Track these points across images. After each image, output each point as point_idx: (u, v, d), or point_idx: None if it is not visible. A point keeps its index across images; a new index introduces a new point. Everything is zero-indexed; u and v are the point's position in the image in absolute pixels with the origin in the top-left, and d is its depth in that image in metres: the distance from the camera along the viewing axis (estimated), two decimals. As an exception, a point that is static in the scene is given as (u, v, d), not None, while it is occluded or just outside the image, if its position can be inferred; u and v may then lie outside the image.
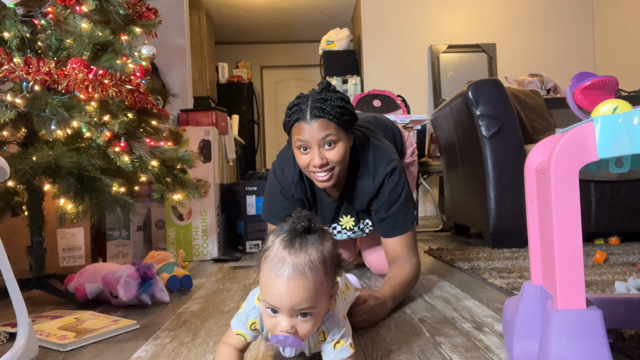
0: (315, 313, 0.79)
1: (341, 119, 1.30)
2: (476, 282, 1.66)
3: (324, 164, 1.31)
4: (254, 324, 0.88)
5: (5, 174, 0.92)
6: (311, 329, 0.80)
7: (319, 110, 1.27)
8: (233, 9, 5.66)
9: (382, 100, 3.42)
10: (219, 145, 2.73)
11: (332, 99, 1.29)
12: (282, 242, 0.80)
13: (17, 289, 0.92)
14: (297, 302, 0.76)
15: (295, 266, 0.77)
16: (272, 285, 0.78)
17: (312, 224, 0.81)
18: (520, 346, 0.82)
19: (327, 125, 1.28)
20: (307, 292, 0.76)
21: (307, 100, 1.30)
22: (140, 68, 1.61)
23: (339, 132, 1.31)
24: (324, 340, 0.86)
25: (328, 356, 0.86)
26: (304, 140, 1.29)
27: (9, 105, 1.37)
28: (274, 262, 0.78)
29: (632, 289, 1.32)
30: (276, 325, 0.78)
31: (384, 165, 1.43)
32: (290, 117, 1.32)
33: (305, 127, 1.28)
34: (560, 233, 0.70)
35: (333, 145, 1.31)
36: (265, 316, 0.81)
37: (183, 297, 1.60)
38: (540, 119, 2.87)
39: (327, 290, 0.82)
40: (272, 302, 0.78)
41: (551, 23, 4.91)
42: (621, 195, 2.33)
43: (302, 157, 1.33)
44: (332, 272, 0.82)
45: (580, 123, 0.71)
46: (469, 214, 2.72)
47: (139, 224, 2.44)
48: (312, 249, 0.79)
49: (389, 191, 1.42)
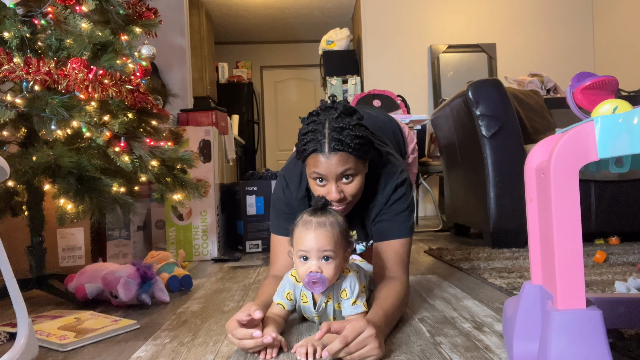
0: (335, 259, 1.07)
1: (361, 150, 1.21)
2: (476, 282, 1.66)
3: (342, 199, 1.24)
4: (289, 294, 1.16)
5: (5, 174, 0.92)
6: (333, 272, 1.07)
7: (338, 143, 1.18)
8: (233, 9, 5.66)
9: (382, 100, 3.42)
10: (219, 145, 2.73)
11: (350, 127, 1.19)
12: (308, 213, 1.12)
13: (17, 289, 0.93)
14: (322, 245, 1.06)
15: (319, 222, 1.08)
16: (303, 236, 1.08)
17: (328, 202, 1.14)
18: (520, 346, 0.82)
19: (346, 159, 1.19)
20: (329, 238, 1.07)
21: (323, 129, 1.20)
22: (140, 68, 1.61)
23: (358, 164, 1.23)
24: (345, 297, 1.10)
25: (346, 310, 1.10)
26: (321, 174, 1.21)
27: (9, 105, 1.37)
28: (304, 223, 1.10)
29: (632, 289, 1.32)
30: (307, 269, 1.06)
31: (394, 179, 1.35)
32: (306, 146, 1.22)
33: (323, 161, 1.19)
34: (560, 233, 0.70)
35: (351, 179, 1.23)
36: (299, 266, 1.09)
37: (183, 297, 1.60)
38: (540, 119, 2.87)
39: (343, 246, 1.10)
40: (304, 247, 1.07)
41: (551, 23, 4.91)
42: (621, 195, 2.33)
43: (318, 188, 1.25)
44: (345, 235, 1.12)
45: (580, 123, 0.71)
46: (469, 214, 2.72)
47: (139, 224, 2.44)
48: (330, 215, 1.11)
49: (393, 200, 1.34)
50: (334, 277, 1.08)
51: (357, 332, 0.93)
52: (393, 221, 1.32)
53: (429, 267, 2.00)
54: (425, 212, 4.88)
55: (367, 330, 0.94)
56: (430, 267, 2.00)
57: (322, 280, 1.04)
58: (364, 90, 4.61)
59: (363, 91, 4.76)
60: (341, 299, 1.11)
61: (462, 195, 2.80)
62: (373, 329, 0.95)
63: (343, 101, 1.28)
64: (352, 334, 0.92)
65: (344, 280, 1.11)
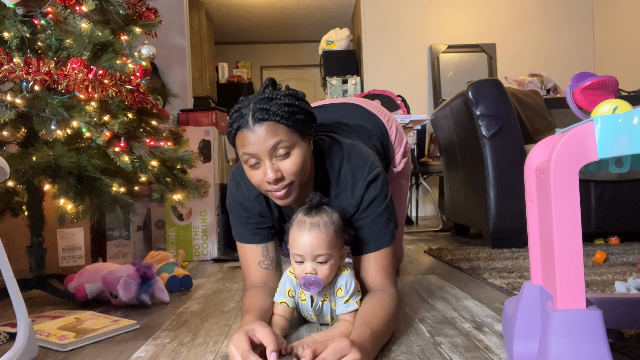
0: (330, 261, 1.05)
1: (291, 118, 1.05)
2: (476, 282, 1.66)
3: (279, 178, 1.06)
4: (290, 291, 1.14)
5: (5, 174, 0.92)
6: (328, 273, 1.05)
7: (262, 112, 1.03)
8: (233, 9, 5.66)
9: (382, 100, 3.42)
10: (219, 145, 2.73)
11: (278, 97, 1.05)
12: (302, 212, 1.09)
13: (17, 289, 0.93)
14: (315, 248, 1.03)
15: (312, 223, 1.05)
16: (297, 238, 1.05)
17: (323, 200, 1.09)
18: (520, 346, 0.82)
19: (275, 130, 1.03)
20: (322, 240, 1.04)
21: (249, 104, 1.06)
22: (140, 68, 1.61)
23: (292, 136, 1.06)
24: (340, 295, 1.09)
25: (339, 308, 1.09)
26: (251, 153, 1.05)
27: (9, 105, 1.37)
28: (298, 224, 1.06)
29: (632, 289, 1.32)
30: (302, 270, 1.05)
31: (364, 175, 1.16)
32: (231, 126, 1.07)
33: (250, 136, 1.03)
34: (560, 233, 0.70)
35: (287, 154, 1.06)
36: (295, 267, 1.08)
37: (183, 297, 1.60)
38: (540, 119, 2.87)
39: (338, 245, 1.08)
40: (299, 250, 1.05)
41: (551, 23, 4.91)
42: (621, 195, 2.33)
43: (253, 173, 1.09)
44: (340, 234, 1.09)
45: (580, 123, 0.71)
46: (469, 214, 2.72)
47: (139, 224, 2.44)
48: (324, 214, 1.07)
49: (368, 201, 1.16)
50: (329, 277, 1.07)
51: (337, 357, 0.84)
52: (371, 229, 1.16)
53: (429, 267, 2.00)
54: (425, 212, 4.88)
55: (349, 355, 0.84)
56: (430, 267, 2.00)
57: (317, 282, 1.04)
58: (364, 90, 4.62)
59: (363, 91, 4.76)
60: (336, 297, 1.11)
61: (462, 195, 2.80)
62: (357, 354, 0.85)
63: (272, 78, 1.14)
64: (332, 357, 0.83)
65: (340, 278, 1.11)
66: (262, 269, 1.23)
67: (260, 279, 1.22)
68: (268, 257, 1.25)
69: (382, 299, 1.09)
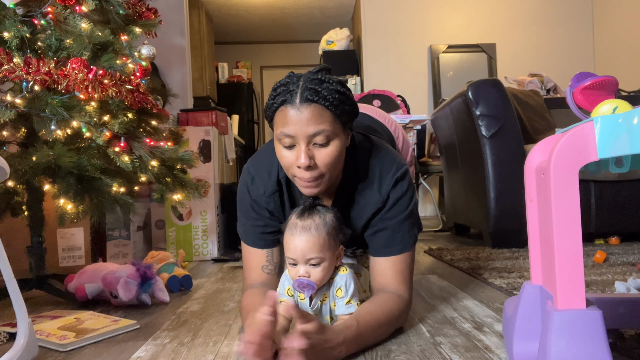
0: (323, 264, 1.03)
1: (340, 107, 1.01)
2: (476, 282, 1.66)
3: (312, 166, 1.01)
4: (289, 290, 1.12)
5: (5, 174, 0.92)
6: (321, 276, 1.03)
7: (312, 93, 0.97)
8: (233, 9, 5.65)
9: (382, 100, 3.42)
10: (219, 145, 2.73)
11: (331, 82, 1.00)
12: (295, 214, 1.07)
13: (17, 289, 0.92)
14: (306, 252, 1.02)
15: (304, 227, 1.03)
16: (289, 242, 1.04)
17: (317, 201, 1.09)
18: (520, 346, 0.82)
19: (321, 116, 0.98)
20: (313, 244, 1.02)
21: (298, 81, 1.00)
22: (140, 68, 1.61)
23: (336, 125, 1.01)
24: (340, 296, 1.07)
25: (340, 309, 1.07)
26: (289, 134, 0.99)
27: (9, 105, 1.37)
28: (290, 227, 1.05)
29: (632, 289, 1.32)
30: (296, 272, 1.04)
31: (392, 172, 1.13)
32: (274, 100, 1.01)
33: (293, 115, 0.98)
34: (560, 233, 0.70)
35: (326, 144, 1.01)
36: (289, 269, 1.08)
37: (183, 297, 1.60)
38: (540, 119, 2.87)
39: (332, 247, 1.05)
40: (291, 254, 1.04)
41: (551, 23, 4.91)
42: (621, 195, 2.33)
43: (284, 154, 1.03)
44: (335, 235, 1.06)
45: (580, 123, 0.71)
46: (469, 214, 2.72)
47: (139, 224, 2.44)
48: (316, 216, 1.05)
49: (393, 200, 1.13)
50: (323, 279, 1.05)
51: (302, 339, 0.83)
52: (395, 231, 1.12)
53: (429, 267, 2.00)
54: (425, 212, 4.88)
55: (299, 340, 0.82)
56: (430, 267, 2.00)
57: (310, 285, 1.03)
58: (364, 90, 4.61)
59: (363, 91, 4.76)
60: (336, 298, 1.09)
61: (462, 195, 2.80)
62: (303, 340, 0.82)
63: (327, 65, 1.10)
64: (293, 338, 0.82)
65: (339, 278, 1.08)
66: (265, 273, 1.21)
67: (260, 282, 1.21)
68: (272, 262, 1.22)
69: (384, 299, 1.08)
